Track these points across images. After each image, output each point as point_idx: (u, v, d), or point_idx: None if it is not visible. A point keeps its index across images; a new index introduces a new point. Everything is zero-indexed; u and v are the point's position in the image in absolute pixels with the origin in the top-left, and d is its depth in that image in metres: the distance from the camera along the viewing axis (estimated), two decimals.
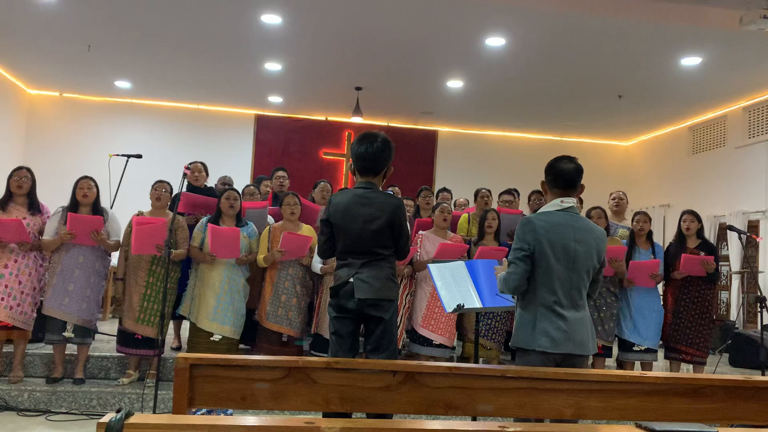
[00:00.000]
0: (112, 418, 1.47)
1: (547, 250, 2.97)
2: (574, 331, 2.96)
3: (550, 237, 2.98)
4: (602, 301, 5.39)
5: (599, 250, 3.09)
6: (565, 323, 2.95)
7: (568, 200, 3.10)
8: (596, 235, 3.10)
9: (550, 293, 2.97)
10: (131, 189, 7.02)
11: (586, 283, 3.06)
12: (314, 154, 11.66)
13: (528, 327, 2.99)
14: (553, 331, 2.93)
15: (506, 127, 11.81)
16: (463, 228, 6.29)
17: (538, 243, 2.98)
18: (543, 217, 3.05)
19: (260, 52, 8.35)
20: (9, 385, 4.92)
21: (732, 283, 9.14)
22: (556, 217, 3.05)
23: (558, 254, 2.97)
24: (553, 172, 3.13)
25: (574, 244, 3.00)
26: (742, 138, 9.46)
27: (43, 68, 9.55)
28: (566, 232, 3.00)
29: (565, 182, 3.11)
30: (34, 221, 5.05)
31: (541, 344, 2.93)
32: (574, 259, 2.99)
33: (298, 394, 2.50)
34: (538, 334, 2.94)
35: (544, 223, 3.01)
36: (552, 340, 2.92)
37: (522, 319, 3.04)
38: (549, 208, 3.11)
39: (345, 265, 3.39)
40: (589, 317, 3.10)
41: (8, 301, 4.92)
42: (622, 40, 7.25)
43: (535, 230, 2.99)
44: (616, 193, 6.27)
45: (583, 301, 3.06)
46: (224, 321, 5.08)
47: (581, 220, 3.10)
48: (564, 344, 2.93)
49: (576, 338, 2.96)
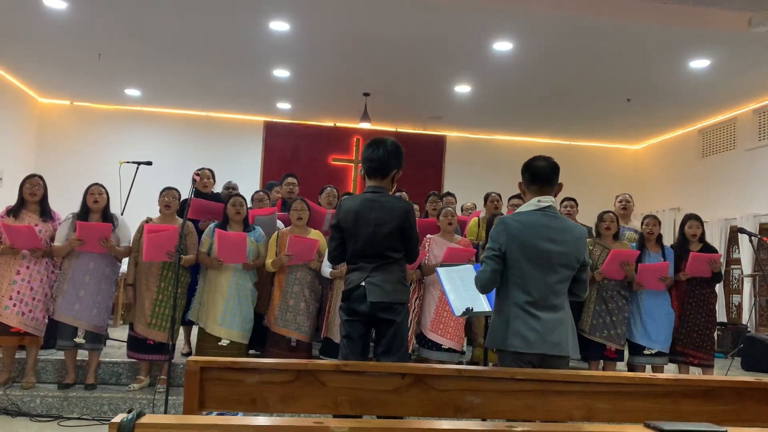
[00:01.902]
0: (124, 418, 1.48)
1: (520, 250, 2.96)
2: (549, 332, 2.91)
3: (522, 237, 2.97)
4: (613, 305, 5.37)
5: (578, 249, 3.03)
6: (539, 323, 2.91)
7: (545, 199, 3.07)
8: (575, 234, 3.05)
9: (524, 293, 2.95)
10: (141, 196, 7.07)
11: (563, 283, 3.01)
12: (323, 160, 11.69)
13: (502, 327, 2.97)
14: (526, 332, 2.90)
15: (515, 132, 11.80)
16: (473, 232, 6.29)
17: (510, 243, 2.97)
18: (517, 217, 3.05)
19: (268, 59, 8.40)
20: (22, 390, 4.96)
21: (744, 286, 9.07)
22: (531, 216, 3.03)
23: (531, 254, 2.96)
24: (528, 171, 3.13)
25: (548, 244, 2.97)
26: (752, 140, 9.41)
27: (54, 77, 9.65)
28: (541, 231, 2.98)
29: (540, 180, 3.10)
30: (45, 228, 5.09)
31: (514, 344, 2.91)
32: (548, 260, 2.96)
33: (308, 396, 2.51)
34: (511, 335, 2.92)
35: (518, 224, 3.00)
36: (525, 340, 2.90)
37: (496, 320, 3.04)
38: (525, 207, 3.10)
39: (356, 269, 3.41)
40: (569, 318, 3.04)
41: (20, 307, 4.96)
42: (630, 44, 7.24)
43: (507, 230, 2.99)
44: (623, 195, 6.25)
45: (561, 302, 3.00)
46: (232, 326, 5.10)
47: (558, 220, 3.06)
48: (538, 345, 2.89)
49: (552, 339, 2.91)
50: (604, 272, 5.27)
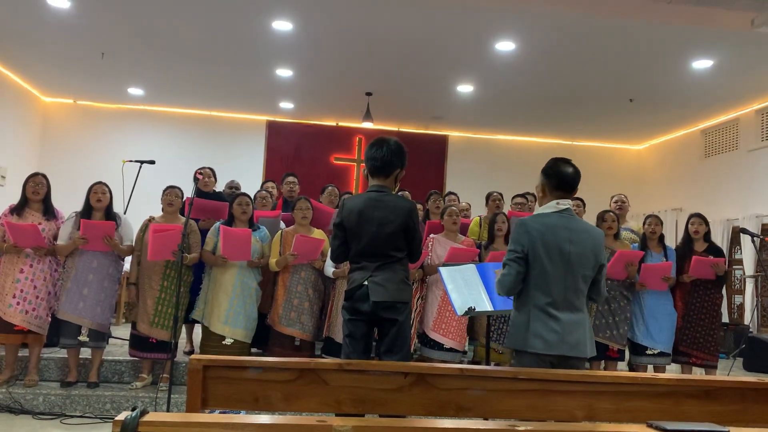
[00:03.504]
0: (128, 416, 1.49)
1: (541, 252, 2.97)
2: (568, 333, 2.94)
3: (544, 239, 2.99)
4: (615, 305, 5.37)
5: (596, 252, 3.07)
6: (559, 325, 2.93)
7: (564, 202, 3.10)
8: (593, 235, 3.09)
9: (544, 295, 2.97)
10: (144, 194, 7.09)
11: (583, 285, 3.04)
12: (325, 160, 11.70)
13: (521, 328, 2.99)
14: (545, 333, 2.92)
15: (517, 132, 11.79)
16: (474, 232, 6.29)
17: (532, 245, 2.99)
18: (538, 218, 3.07)
19: (271, 59, 8.41)
20: (24, 388, 4.97)
21: (746, 286, 9.07)
22: (551, 218, 3.05)
23: (552, 256, 2.98)
24: (557, 177, 3.13)
25: (568, 246, 2.99)
26: (755, 141, 9.40)
27: (58, 76, 9.67)
28: (561, 233, 3.01)
29: (567, 186, 3.13)
30: (49, 226, 5.11)
31: (534, 346, 2.92)
32: (568, 261, 2.99)
33: (311, 395, 2.51)
34: (531, 336, 2.94)
35: (539, 225, 3.02)
36: (545, 341, 2.92)
37: (516, 321, 3.06)
38: (545, 209, 3.11)
39: (359, 268, 3.42)
40: (587, 319, 3.07)
41: (24, 306, 4.97)
42: (632, 44, 7.24)
43: (528, 232, 3.01)
44: (618, 196, 6.38)
45: (581, 303, 3.03)
46: (236, 324, 5.11)
47: (577, 222, 3.11)
48: (558, 346, 2.92)
49: (571, 340, 2.94)
50: (608, 272, 5.26)
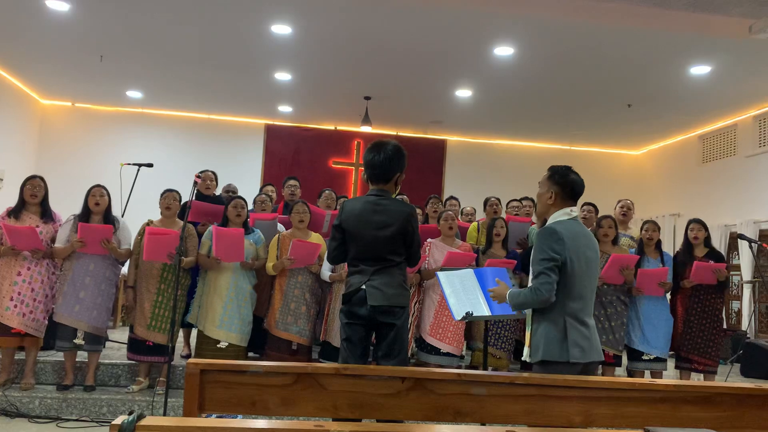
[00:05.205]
0: (125, 420, 1.49)
1: (574, 259, 2.98)
2: (595, 339, 3.01)
3: (573, 245, 3.01)
4: (612, 310, 5.37)
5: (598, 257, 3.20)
6: (589, 331, 2.99)
7: (575, 209, 3.17)
8: (595, 241, 3.21)
9: (574, 302, 2.97)
10: (142, 197, 7.08)
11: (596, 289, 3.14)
12: (324, 164, 11.70)
13: (558, 339, 2.93)
14: (581, 341, 2.93)
15: (515, 136, 11.81)
16: (473, 237, 6.29)
17: (567, 252, 2.98)
18: (562, 226, 3.06)
19: (270, 62, 8.41)
20: (20, 391, 4.95)
21: (743, 292, 9.07)
22: (571, 225, 3.08)
23: (581, 262, 3.00)
24: (570, 186, 3.15)
25: (588, 252, 3.06)
26: (752, 147, 9.42)
27: (56, 78, 9.66)
28: (581, 240, 3.06)
29: (578, 195, 3.19)
30: (46, 229, 5.10)
31: (574, 355, 2.89)
32: (590, 266, 3.05)
33: (308, 400, 2.51)
34: (571, 346, 2.90)
35: (567, 232, 3.03)
36: (581, 349, 2.92)
37: (547, 332, 2.96)
38: (561, 217, 3.12)
39: (357, 272, 3.41)
40: None
41: (21, 309, 4.96)
42: (630, 49, 7.25)
43: (562, 239, 2.98)
44: (624, 201, 6.13)
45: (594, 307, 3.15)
46: (231, 328, 5.09)
47: (586, 228, 3.21)
48: (590, 353, 2.95)
49: (597, 345, 3.02)
50: (604, 277, 5.24)
